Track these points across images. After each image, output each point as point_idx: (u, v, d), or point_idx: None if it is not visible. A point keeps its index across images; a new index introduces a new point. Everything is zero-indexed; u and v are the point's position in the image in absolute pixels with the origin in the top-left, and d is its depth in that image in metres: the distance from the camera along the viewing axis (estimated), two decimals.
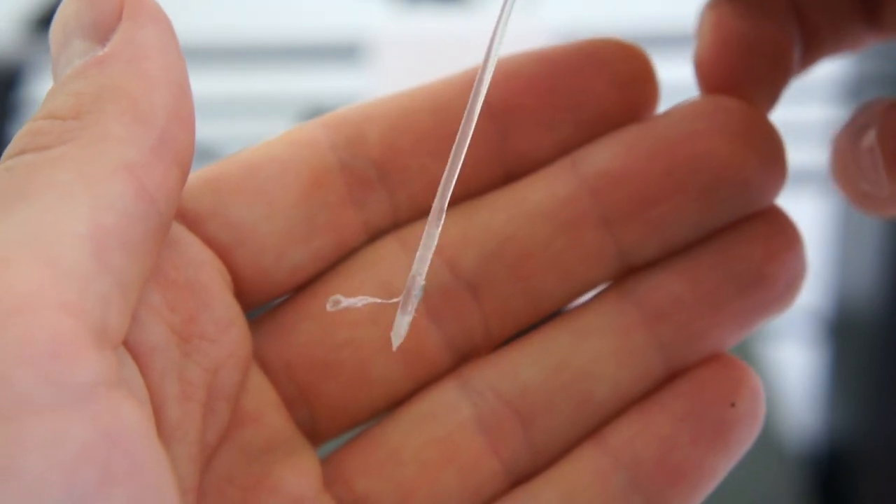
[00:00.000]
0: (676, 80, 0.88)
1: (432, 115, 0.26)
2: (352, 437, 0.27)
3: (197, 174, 0.26)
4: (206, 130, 0.84)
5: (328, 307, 0.24)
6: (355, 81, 0.71)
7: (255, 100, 0.81)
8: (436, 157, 0.26)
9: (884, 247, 0.79)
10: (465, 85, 0.27)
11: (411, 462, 0.26)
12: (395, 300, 0.24)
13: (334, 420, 0.26)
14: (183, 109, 0.22)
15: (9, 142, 0.22)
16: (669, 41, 0.78)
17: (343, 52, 0.74)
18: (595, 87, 0.27)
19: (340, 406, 0.26)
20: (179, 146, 0.22)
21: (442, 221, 0.24)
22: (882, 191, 0.25)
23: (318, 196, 0.26)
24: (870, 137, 0.25)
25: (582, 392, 0.26)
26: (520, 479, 0.26)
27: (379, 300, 0.24)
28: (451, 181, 0.24)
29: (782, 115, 0.28)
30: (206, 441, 0.24)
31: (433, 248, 0.24)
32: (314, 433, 0.26)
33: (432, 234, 0.24)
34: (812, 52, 0.27)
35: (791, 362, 1.00)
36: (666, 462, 0.25)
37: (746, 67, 0.27)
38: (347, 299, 0.24)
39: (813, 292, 0.97)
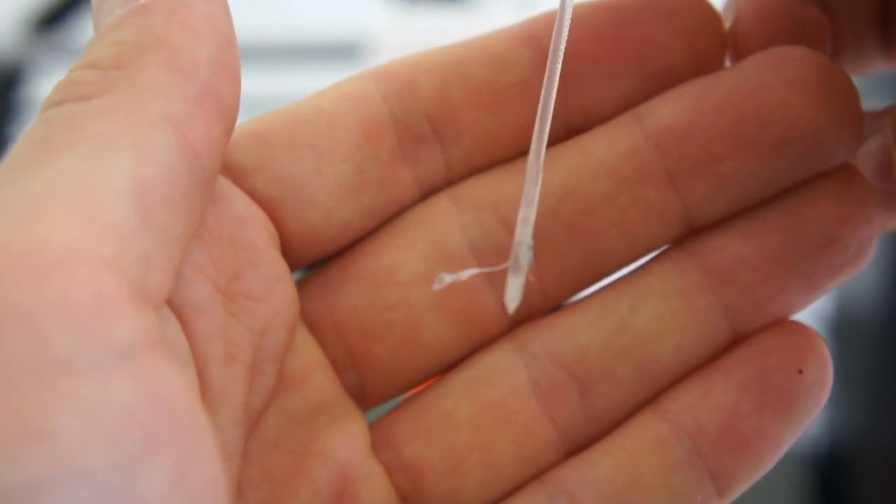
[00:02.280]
0: None
1: (487, 68, 0.25)
2: (402, 401, 0.26)
3: (243, 127, 0.25)
4: None
5: (434, 287, 0.24)
6: None
7: (256, 100, 0.81)
8: (490, 112, 0.25)
9: (885, 247, 0.79)
10: (520, 36, 0.25)
11: (463, 427, 0.25)
12: (503, 266, 0.23)
13: (383, 384, 0.25)
14: (228, 60, 0.21)
15: (9, 142, 0.22)
16: None
17: (343, 52, 0.74)
18: (661, 38, 0.25)
19: (390, 369, 0.25)
20: (224, 98, 0.21)
21: (540, 180, 0.23)
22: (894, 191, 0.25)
23: (369, 150, 0.25)
24: (879, 140, 0.25)
25: (642, 356, 0.25)
26: (576, 446, 0.25)
27: (488, 269, 0.24)
28: (543, 136, 0.23)
29: None
30: (251, 404, 0.23)
31: (535, 208, 0.23)
32: (363, 397, 0.25)
33: (531, 194, 0.23)
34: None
35: None
36: (730, 430, 0.24)
37: (786, 37, 0.26)
38: (452, 275, 0.23)
39: None
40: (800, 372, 0.24)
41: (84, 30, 0.80)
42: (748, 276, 0.25)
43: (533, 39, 0.25)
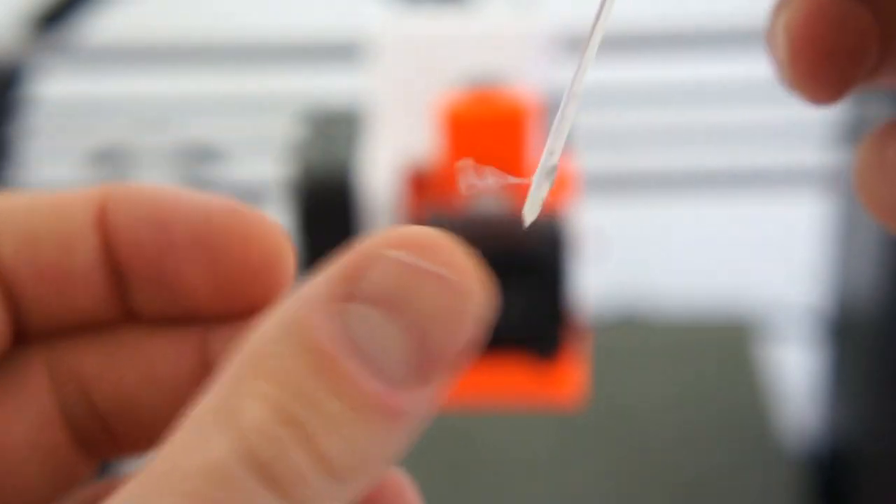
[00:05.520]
0: (677, 79, 0.88)
1: (55, 248, 0.24)
2: None
3: None
4: (206, 130, 0.84)
5: (461, 189, 0.23)
6: (355, 81, 0.71)
7: (255, 100, 0.81)
8: (57, 291, 0.25)
9: (884, 247, 0.79)
10: (93, 217, 0.25)
11: None
12: (527, 180, 0.23)
13: None
14: None
15: (8, 142, 0.22)
16: (670, 41, 0.78)
17: (343, 52, 0.74)
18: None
19: None
20: None
21: (578, 102, 0.22)
22: None
23: None
24: None
25: None
26: None
27: (514, 180, 0.23)
28: (588, 65, 0.23)
29: (782, 114, 0.28)
30: None
31: (569, 126, 0.23)
32: None
33: (565, 117, 0.23)
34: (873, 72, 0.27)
35: (791, 362, 1.00)
36: None
37: (838, 38, 0.25)
38: (479, 180, 0.23)
39: (813, 292, 0.97)
40: None
41: (85, 29, 0.80)
42: None
43: (101, 224, 0.24)
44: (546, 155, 0.23)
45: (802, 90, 0.27)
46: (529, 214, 0.23)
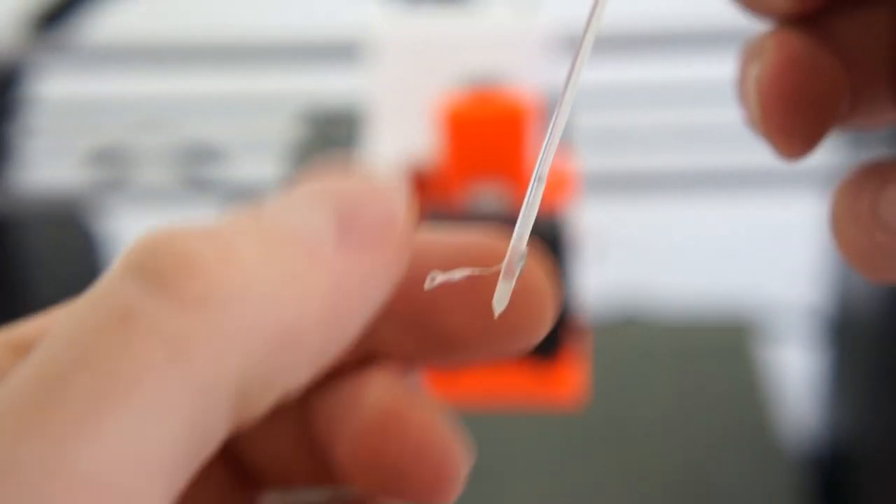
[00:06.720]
0: (679, 79, 0.88)
1: None
2: None
3: None
4: (206, 130, 0.84)
5: (426, 285, 0.23)
6: (355, 81, 0.71)
7: (255, 99, 0.81)
8: None
9: None
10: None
11: None
12: (495, 268, 0.23)
13: None
14: None
15: (9, 142, 0.22)
16: (670, 41, 0.78)
17: (343, 52, 0.74)
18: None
19: None
20: None
21: (543, 185, 0.23)
22: None
23: None
24: None
25: None
26: None
27: (480, 271, 0.23)
28: (552, 149, 0.23)
29: None
30: None
31: (534, 215, 0.23)
32: None
33: (533, 202, 0.23)
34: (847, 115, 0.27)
35: (791, 362, 1.00)
36: None
37: (809, 91, 0.26)
38: (444, 274, 0.23)
39: (813, 292, 0.97)
40: None
41: (85, 29, 0.80)
42: None
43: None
44: (515, 240, 0.23)
45: (775, 143, 0.27)
46: (499, 306, 0.23)
